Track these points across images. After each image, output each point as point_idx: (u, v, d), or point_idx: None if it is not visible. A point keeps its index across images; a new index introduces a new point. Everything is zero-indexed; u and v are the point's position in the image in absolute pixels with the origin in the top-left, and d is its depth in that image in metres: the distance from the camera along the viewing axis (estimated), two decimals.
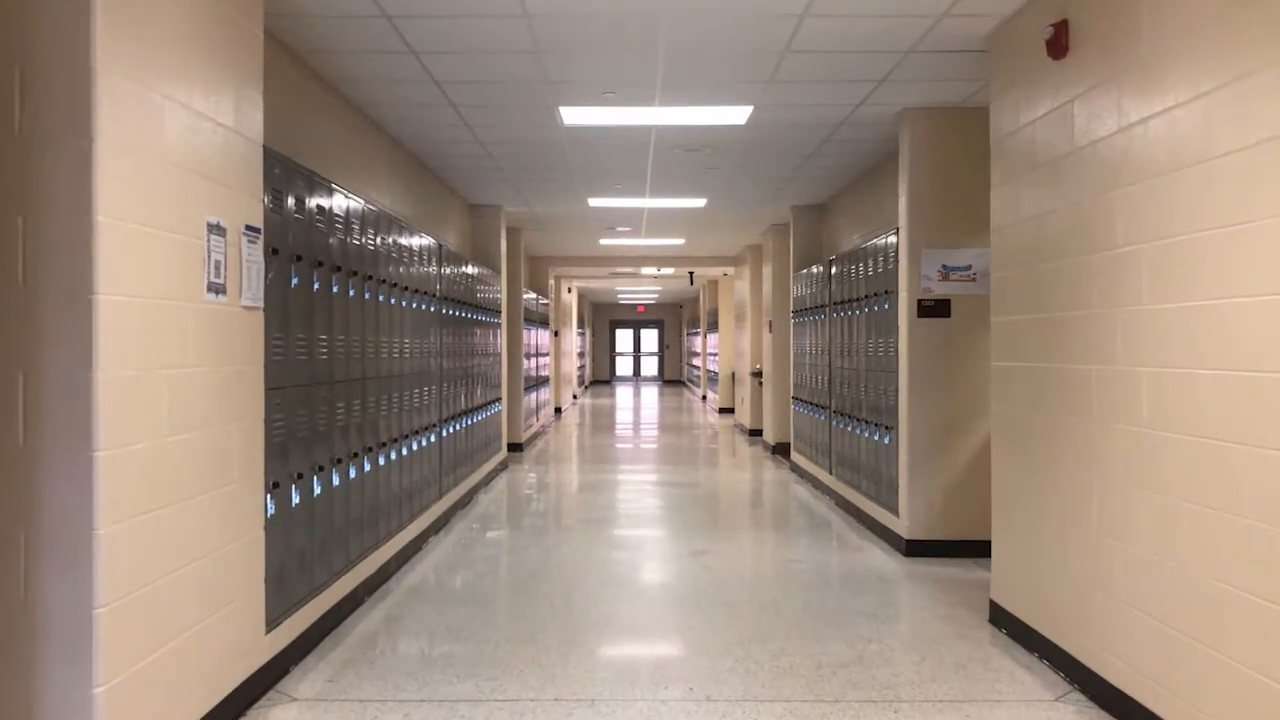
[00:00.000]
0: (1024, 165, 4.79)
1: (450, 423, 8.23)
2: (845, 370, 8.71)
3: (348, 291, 5.31)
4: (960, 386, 6.78)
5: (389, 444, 6.15)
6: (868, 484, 7.86)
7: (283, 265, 4.36)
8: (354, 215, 5.48)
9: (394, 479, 6.31)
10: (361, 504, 5.57)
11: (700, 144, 7.89)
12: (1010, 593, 4.97)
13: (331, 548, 5.04)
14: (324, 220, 4.95)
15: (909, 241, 6.82)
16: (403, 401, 6.51)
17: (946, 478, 6.78)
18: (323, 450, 4.88)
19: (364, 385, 5.60)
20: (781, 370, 12.62)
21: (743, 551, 7.07)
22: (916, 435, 6.80)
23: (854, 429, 8.32)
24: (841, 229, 10.35)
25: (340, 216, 5.21)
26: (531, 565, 6.59)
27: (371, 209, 5.86)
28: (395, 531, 6.35)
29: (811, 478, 10.29)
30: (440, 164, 8.79)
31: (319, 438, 4.82)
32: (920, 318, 6.80)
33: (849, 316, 8.57)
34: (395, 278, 6.35)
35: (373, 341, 5.80)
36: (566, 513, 9.09)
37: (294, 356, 4.49)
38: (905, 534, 6.84)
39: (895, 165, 8.03)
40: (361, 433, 5.56)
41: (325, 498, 4.93)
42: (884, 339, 7.45)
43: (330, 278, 5.02)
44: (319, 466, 4.79)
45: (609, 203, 11.00)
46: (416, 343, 6.96)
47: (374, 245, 5.85)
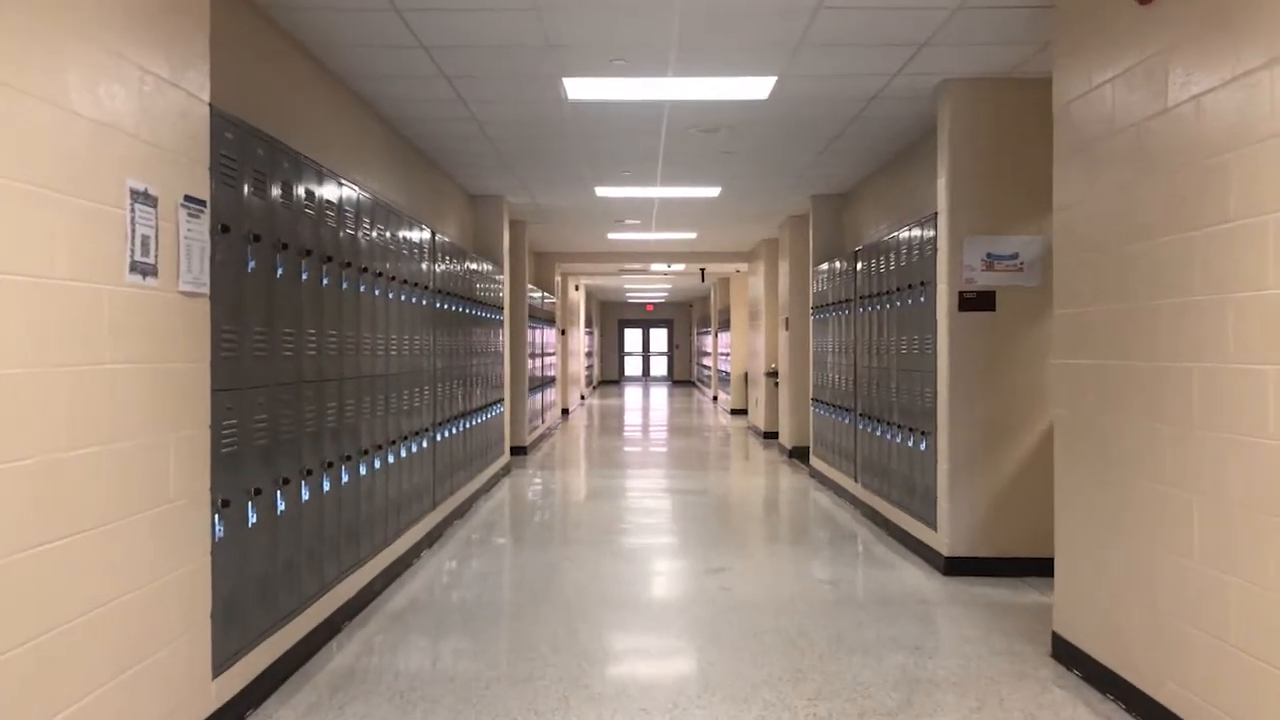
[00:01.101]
0: (1098, 132, 4.14)
1: (446, 426, 7.61)
2: (873, 370, 8.06)
3: (320, 280, 4.68)
4: (1006, 387, 6.12)
5: (373, 451, 5.53)
6: (899, 494, 7.21)
7: (236, 246, 3.74)
8: (330, 194, 4.86)
9: (379, 489, 5.69)
10: (339, 520, 4.94)
11: (717, 123, 7.25)
12: (1078, 625, 4.32)
13: (300, 571, 4.41)
14: (291, 197, 4.32)
15: (949, 228, 6.17)
16: (389, 404, 5.88)
17: (991, 488, 6.13)
18: (289, 461, 4.26)
19: (342, 386, 4.97)
20: (799, 370, 11.97)
21: (764, 569, 6.43)
22: (958, 441, 6.14)
23: (883, 433, 7.66)
24: (866, 219, 9.70)
25: (313, 195, 4.59)
26: (532, 584, 5.96)
27: (351, 189, 5.23)
28: (381, 548, 5.72)
29: (833, 484, 9.64)
30: (436, 149, 8.17)
31: (284, 446, 4.19)
32: (962, 311, 6.15)
33: (877, 311, 7.92)
34: (382, 267, 5.73)
35: (353, 337, 5.18)
36: (572, 523, 8.46)
37: (251, 353, 3.87)
38: (945, 550, 6.18)
39: (927, 148, 7.39)
40: (339, 439, 4.94)
41: (292, 515, 4.30)
42: (918, 335, 6.79)
43: (299, 263, 4.39)
44: (283, 480, 4.16)
45: (617, 192, 10.36)
46: (407, 340, 6.34)
47: (354, 230, 5.22)
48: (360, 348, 5.30)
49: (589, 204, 11.24)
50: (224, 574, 3.61)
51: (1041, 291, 6.09)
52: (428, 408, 6.95)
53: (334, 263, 4.84)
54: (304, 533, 4.45)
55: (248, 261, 3.84)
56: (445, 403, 7.59)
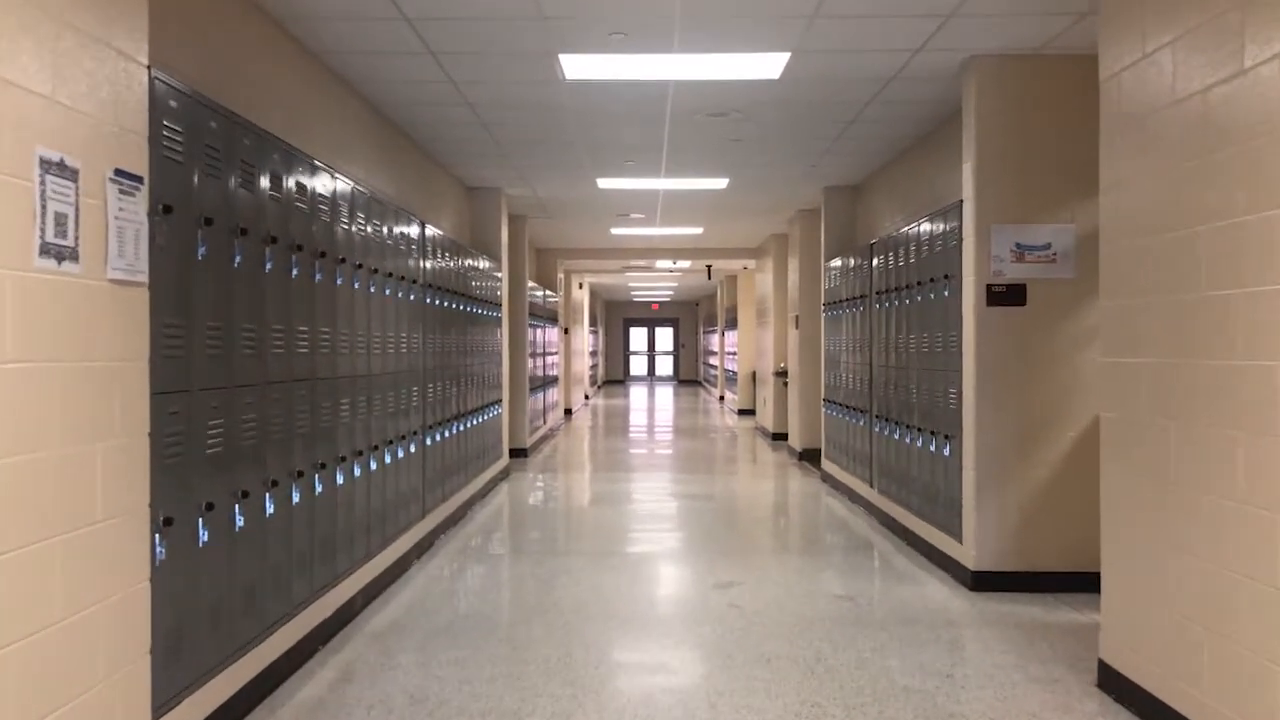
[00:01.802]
0: (1153, 103, 3.69)
1: (438, 428, 7.18)
2: (890, 369, 7.61)
3: (289, 271, 4.25)
4: (1038, 388, 5.67)
5: (352, 457, 5.10)
6: (920, 502, 6.76)
7: (182, 229, 3.31)
8: (303, 178, 4.43)
9: (360, 499, 5.26)
10: (311, 534, 4.51)
11: (726, 106, 6.80)
12: (1130, 654, 3.87)
13: (265, 593, 3.98)
14: (253, 178, 3.89)
15: (976, 217, 5.71)
16: (372, 406, 5.45)
17: (1021, 497, 5.68)
18: (250, 470, 3.82)
19: (315, 387, 4.54)
20: (810, 369, 11.51)
21: (776, 583, 5.98)
22: (985, 446, 5.69)
23: (901, 437, 7.21)
24: (881, 212, 9.24)
25: (280, 178, 4.16)
26: (527, 601, 5.52)
27: (328, 174, 4.80)
28: (362, 562, 5.29)
29: (846, 489, 9.19)
30: (429, 136, 7.73)
31: (243, 455, 3.76)
32: (990, 306, 5.69)
33: (895, 308, 7.47)
34: (363, 259, 5.29)
35: (328, 335, 4.74)
36: (572, 531, 8.02)
37: (202, 351, 3.44)
38: (971, 564, 5.73)
39: (947, 135, 6.94)
40: (312, 445, 4.51)
41: (253, 531, 3.87)
42: (941, 332, 6.34)
43: (262, 252, 3.96)
44: (242, 492, 3.73)
45: (620, 184, 9.92)
46: (393, 337, 5.91)
47: (330, 218, 4.79)
48: (338, 346, 4.87)
49: (591, 197, 10.80)
50: (168, 601, 3.18)
51: (1076, 284, 5.65)
52: (417, 410, 6.52)
53: (305, 252, 4.41)
54: (269, 550, 4.02)
55: (197, 247, 3.41)
56: (437, 404, 7.16)
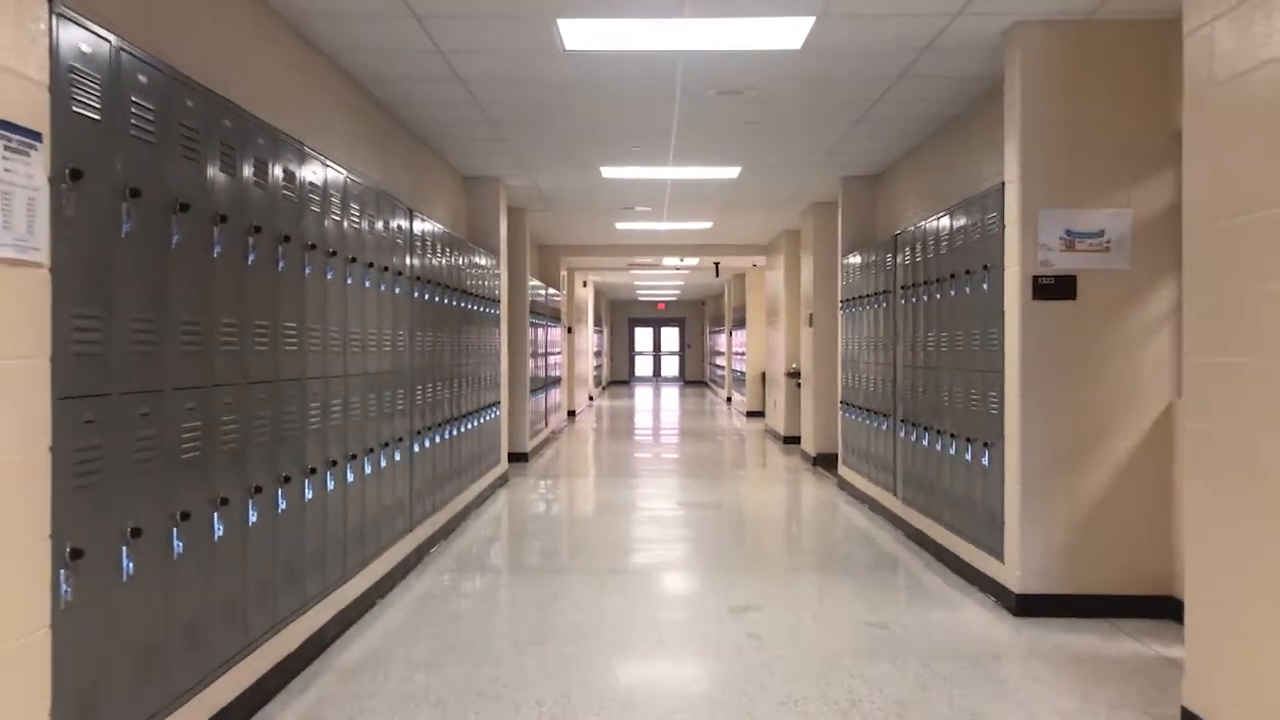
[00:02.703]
0: (1261, 52, 3.12)
1: (429, 433, 6.62)
2: (917, 370, 7.03)
3: (245, 257, 3.70)
4: (1090, 390, 5.10)
5: (325, 468, 4.54)
6: (954, 515, 6.18)
7: (98, 201, 2.75)
8: (263, 152, 3.87)
9: (335, 514, 4.70)
10: (273, 556, 3.96)
11: (740, 83, 6.24)
12: (1224, 704, 3.29)
13: (213, 628, 3.43)
14: (199, 146, 3.34)
15: (1021, 201, 5.15)
16: (349, 410, 4.90)
17: (1072, 512, 5.11)
18: (193, 488, 3.27)
19: (278, 390, 3.99)
20: (826, 370, 10.94)
21: (798, 606, 5.41)
22: (1031, 455, 5.12)
23: (931, 443, 6.64)
24: (903, 203, 8.67)
25: (233, 149, 3.60)
26: (521, 628, 4.96)
27: (294, 147, 4.25)
28: (336, 585, 4.74)
29: (866, 498, 8.62)
30: (417, 118, 7.18)
31: (184, 470, 3.20)
32: (1036, 300, 5.13)
33: (923, 303, 6.89)
34: (338, 246, 4.74)
35: (295, 330, 4.19)
36: (573, 544, 7.46)
37: (126, 347, 2.88)
38: (1015, 586, 5.16)
39: (980, 115, 6.38)
40: (274, 456, 3.95)
41: (198, 557, 3.32)
42: (979, 329, 5.77)
43: (210, 233, 3.41)
44: (181, 514, 3.17)
45: (626, 173, 9.35)
46: (374, 334, 5.36)
47: (295, 196, 4.23)
48: (307, 343, 4.32)
49: (595, 187, 10.24)
50: (78, 650, 2.62)
51: (1132, 276, 5.09)
52: (403, 413, 5.96)
53: (266, 236, 3.85)
54: (218, 579, 3.46)
55: (121, 223, 2.85)
56: (428, 407, 6.60)
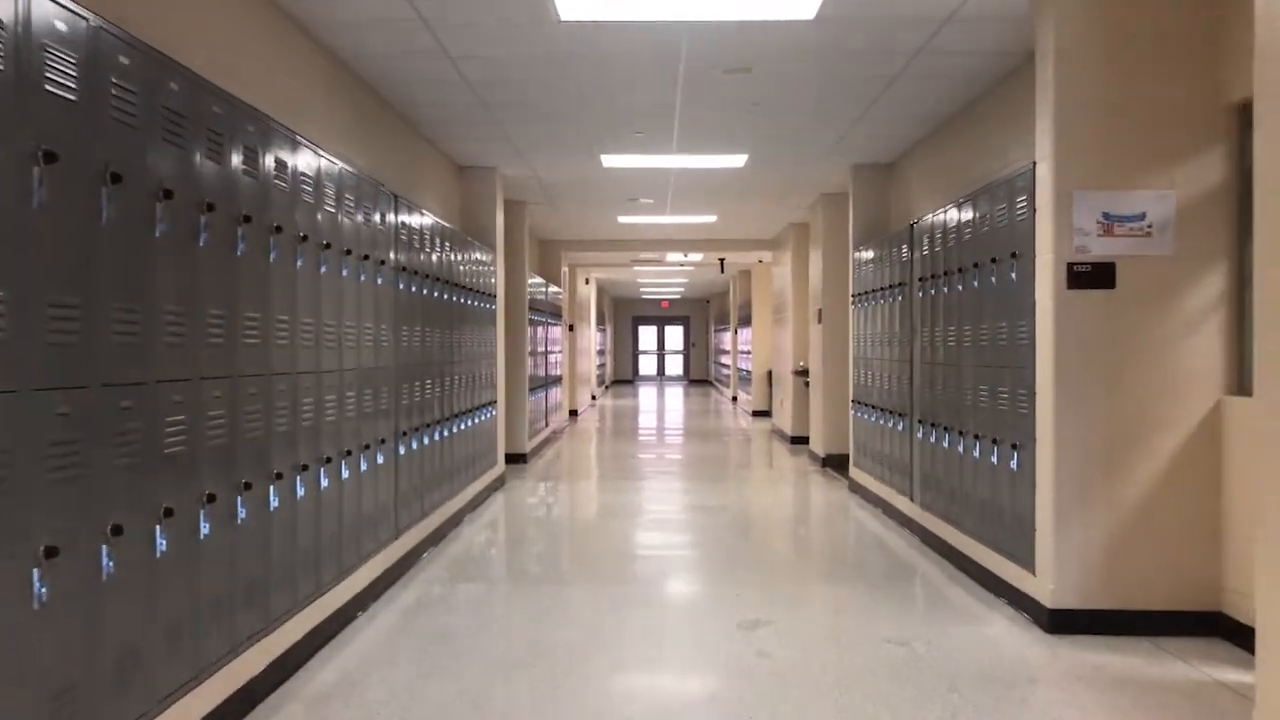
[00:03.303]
0: None
1: (417, 434, 6.22)
2: (935, 366, 6.62)
3: (196, 237, 3.30)
4: (1132, 387, 4.69)
5: (293, 473, 4.14)
6: (978, 522, 5.77)
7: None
8: (217, 122, 3.47)
9: (305, 524, 4.30)
10: (230, 573, 3.55)
11: (748, 59, 5.83)
12: None
13: (155, 657, 3.02)
14: (133, 106, 2.93)
15: (1054, 182, 4.73)
16: (323, 409, 4.50)
17: (1112, 520, 4.69)
18: (126, 498, 2.87)
19: (234, 386, 3.58)
20: (836, 368, 10.52)
21: (812, 621, 5.00)
22: (1066, 458, 4.71)
23: (952, 444, 6.22)
24: (918, 192, 8.26)
25: (180, 115, 3.20)
26: (512, 649, 4.55)
27: (251, 115, 3.84)
28: (308, 601, 4.34)
29: (880, 501, 8.20)
30: (404, 99, 6.78)
31: (116, 478, 2.80)
32: (1071, 289, 4.72)
33: (943, 296, 6.47)
34: (308, 229, 4.34)
35: (257, 321, 3.79)
36: (571, 551, 7.05)
37: (36, 336, 2.48)
38: (1048, 600, 4.75)
39: (1005, 96, 5.97)
40: (230, 462, 3.55)
41: (134, 576, 2.91)
42: (1005, 322, 5.36)
43: (152, 209, 3.00)
44: (114, 528, 2.77)
45: (627, 161, 8.95)
46: (352, 327, 4.95)
47: (254, 170, 3.83)
48: (271, 335, 3.91)
49: (596, 178, 9.84)
50: None
51: (1176, 262, 4.68)
52: (387, 413, 5.56)
53: (218, 214, 3.45)
54: (161, 600, 3.06)
55: (33, 193, 2.45)
56: (415, 407, 6.20)
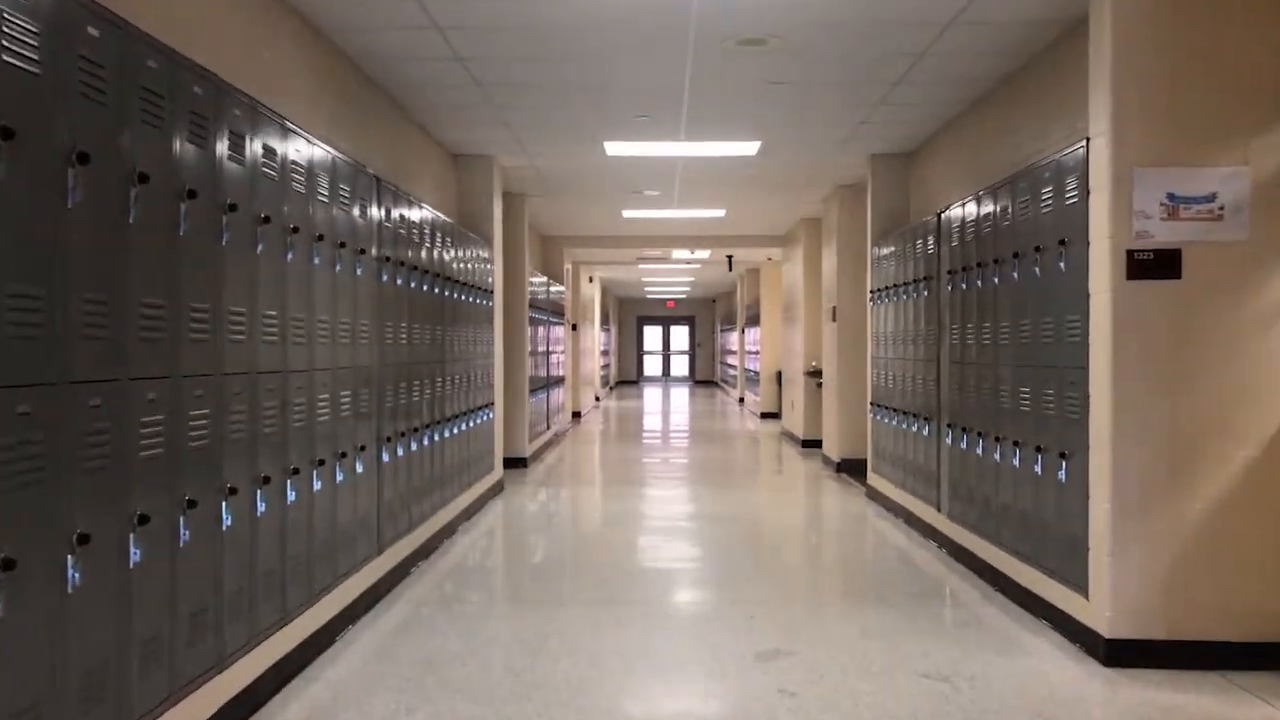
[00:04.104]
0: None
1: (404, 439, 5.72)
2: (967, 366, 6.10)
3: (125, 213, 2.79)
4: (1201, 389, 4.18)
5: (251, 486, 3.64)
6: (1017, 537, 5.25)
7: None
8: (155, 81, 2.97)
9: (266, 544, 3.80)
10: (169, 606, 3.05)
11: (765, 29, 5.32)
12: None
13: (63, 711, 2.52)
14: (54, 59, 2.43)
15: (1112, 157, 4.22)
16: (289, 412, 3.99)
17: (1176, 539, 4.18)
18: (32, 520, 2.36)
19: (177, 389, 3.08)
20: (852, 368, 10.01)
21: (839, 651, 4.48)
22: (1127, 469, 4.20)
23: (987, 451, 5.70)
24: (942, 182, 7.74)
25: (99, 69, 2.70)
26: (501, 685, 4.04)
27: (201, 79, 3.34)
28: (270, 630, 3.83)
29: (901, 510, 7.69)
30: (390, 77, 6.28)
31: (17, 497, 2.30)
32: (1131, 280, 4.21)
33: (975, 289, 5.95)
34: (271, 210, 3.84)
35: (207, 314, 3.29)
36: (570, 566, 6.54)
37: None
38: (1104, 629, 4.23)
39: (1043, 72, 5.45)
40: (175, 474, 3.05)
41: (40, 614, 2.41)
42: (1052, 317, 4.84)
43: (62, 177, 2.51)
44: (4, 563, 2.27)
45: (632, 149, 8.44)
46: (326, 322, 4.45)
47: (203, 141, 3.32)
48: (222, 329, 3.41)
49: (599, 168, 9.33)
50: None
51: (1252, 247, 4.19)
52: (367, 416, 5.06)
53: (152, 187, 2.94)
54: (70, 647, 2.56)
55: None
56: (402, 410, 5.70)
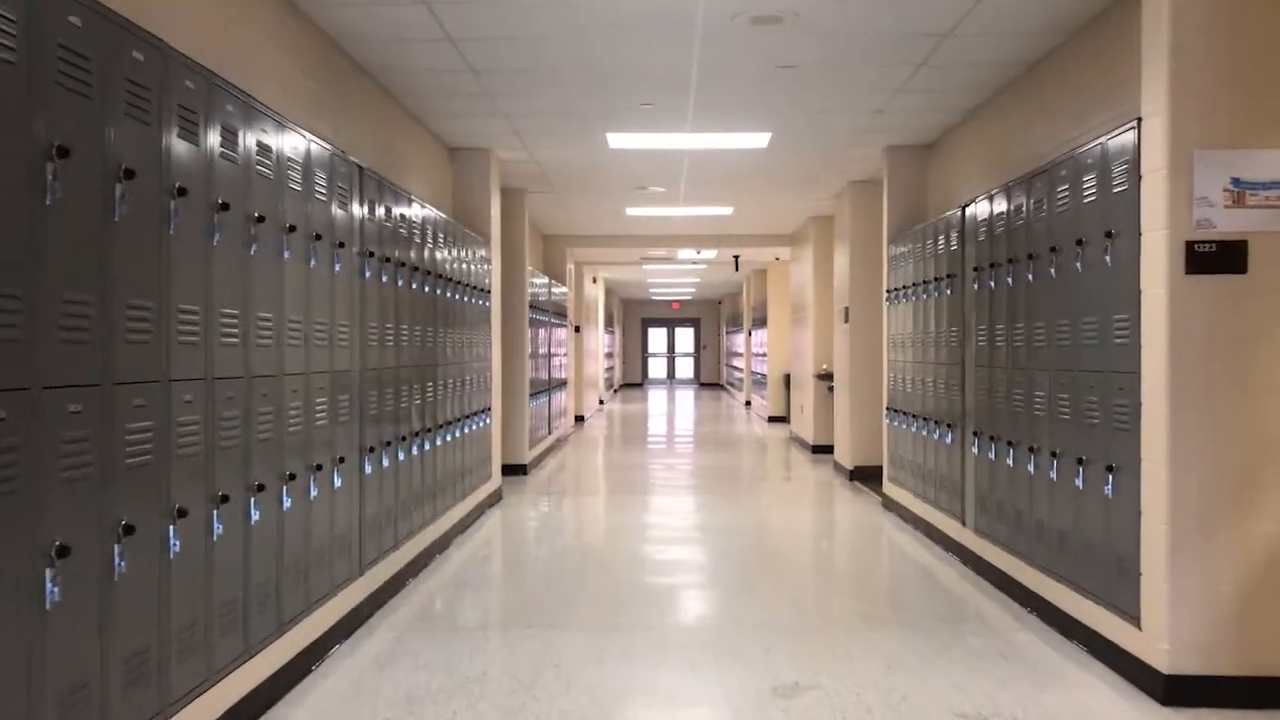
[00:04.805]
0: None
1: (391, 449, 5.30)
2: (997, 370, 5.66)
3: (43, 194, 2.38)
4: (1271, 395, 3.75)
5: (211, 505, 3.22)
6: (1053, 556, 4.81)
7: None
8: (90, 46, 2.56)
9: (226, 571, 3.38)
10: (102, 646, 2.63)
11: (781, 3, 4.89)
12: None
13: None
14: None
15: (1169, 138, 3.79)
16: (253, 422, 3.57)
17: (1246, 562, 3.75)
18: None
19: (111, 396, 2.66)
20: (865, 372, 9.57)
21: (863, 685, 4.04)
22: (1187, 485, 3.76)
23: (1019, 462, 5.26)
24: (963, 176, 7.31)
25: (7, 14, 2.29)
26: None
27: (134, 38, 2.93)
28: (229, 668, 3.41)
29: (921, 522, 7.25)
30: (379, 63, 5.87)
31: None
32: (1191, 274, 3.78)
33: (1005, 287, 5.51)
34: (224, 194, 3.42)
35: (150, 313, 2.87)
36: (569, 587, 6.10)
37: None
38: (1163, 664, 3.80)
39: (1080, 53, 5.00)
40: (107, 494, 2.63)
41: None
42: (1095, 317, 4.40)
43: None
44: None
45: (636, 141, 8.02)
46: (298, 322, 4.04)
47: (154, 122, 2.91)
48: (169, 329, 3.00)
49: (601, 162, 8.91)
50: None
51: None
52: (346, 426, 4.64)
53: (72, 159, 2.53)
54: None
55: None
56: (388, 416, 5.28)
